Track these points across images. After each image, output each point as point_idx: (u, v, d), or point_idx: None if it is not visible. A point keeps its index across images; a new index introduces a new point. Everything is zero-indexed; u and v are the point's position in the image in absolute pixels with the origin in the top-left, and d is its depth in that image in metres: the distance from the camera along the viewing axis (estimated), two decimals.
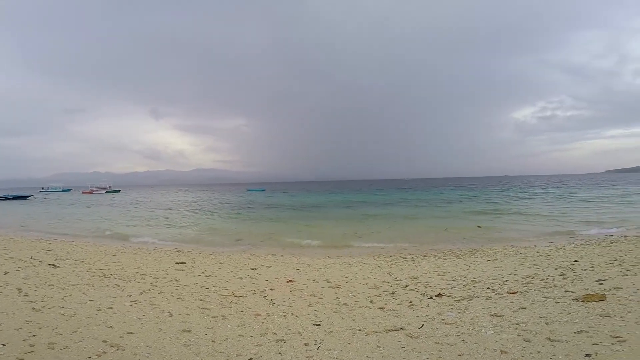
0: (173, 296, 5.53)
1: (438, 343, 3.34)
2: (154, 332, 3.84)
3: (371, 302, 5.11)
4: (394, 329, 3.85)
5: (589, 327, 3.35)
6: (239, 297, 5.54)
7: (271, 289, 6.01)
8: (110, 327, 3.96)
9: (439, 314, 4.32)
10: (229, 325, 4.14)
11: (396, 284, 6.22)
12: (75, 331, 3.78)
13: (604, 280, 5.22)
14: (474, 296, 5.08)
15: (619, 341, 2.96)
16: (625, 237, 11.18)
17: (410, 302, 5.00)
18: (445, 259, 8.78)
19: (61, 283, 6.10)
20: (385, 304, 4.94)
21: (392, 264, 8.39)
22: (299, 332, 3.88)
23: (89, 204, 41.79)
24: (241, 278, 6.95)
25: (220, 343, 3.59)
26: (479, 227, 15.66)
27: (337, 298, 5.39)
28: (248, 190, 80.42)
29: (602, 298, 4.15)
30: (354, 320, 4.27)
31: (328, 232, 15.82)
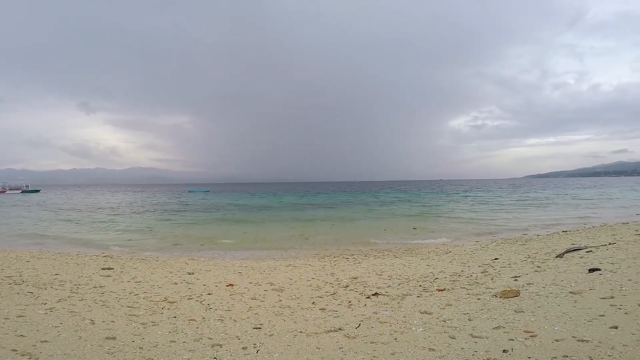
0: (96, 303, 5.11)
1: (373, 342, 3.45)
2: (73, 340, 3.55)
3: (313, 303, 5.16)
4: (333, 329, 3.92)
5: (506, 323, 3.68)
6: (172, 302, 5.26)
7: (209, 294, 5.79)
8: (21, 335, 3.62)
9: (375, 313, 4.49)
10: (159, 332, 3.92)
11: (337, 284, 6.35)
12: None
13: (519, 276, 5.82)
14: (407, 294, 5.37)
15: (531, 336, 3.27)
16: (538, 235, 12.64)
17: (350, 302, 5.14)
18: (384, 259, 9.16)
19: None
20: (327, 305, 5.01)
21: (335, 264, 8.55)
22: (237, 336, 3.79)
23: None
24: (176, 283, 6.59)
25: (149, 350, 3.40)
26: (414, 228, 16.63)
27: (280, 300, 5.36)
28: (190, 192, 76.32)
29: (516, 294, 4.61)
30: (295, 322, 4.28)
31: (273, 234, 15.66)
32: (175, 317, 4.53)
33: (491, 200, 35.21)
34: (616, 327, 3.18)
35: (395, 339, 3.51)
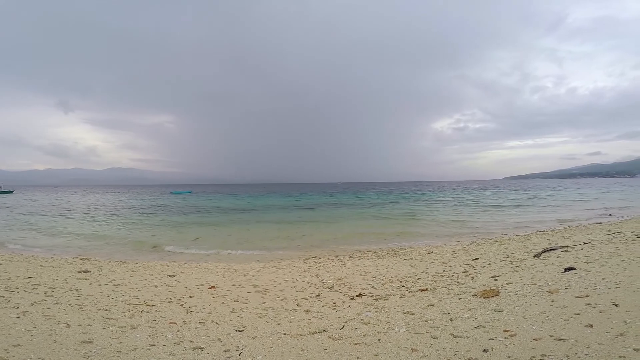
0: (72, 306, 4.95)
1: (357, 343, 3.46)
2: (48, 344, 3.44)
3: (298, 305, 5.13)
4: (317, 331, 3.90)
5: (486, 322, 3.73)
6: (151, 305, 5.13)
7: (190, 297, 5.68)
8: None
9: (359, 314, 4.50)
10: (138, 335, 3.82)
11: (322, 285, 6.35)
12: None
13: (498, 276, 5.95)
14: (390, 295, 5.41)
15: (510, 335, 3.32)
16: (516, 235, 12.98)
17: (334, 303, 5.14)
18: (368, 259, 9.22)
19: None
20: (311, 307, 5.00)
21: (320, 266, 8.55)
22: (219, 339, 3.73)
23: None
24: (156, 286, 6.45)
25: (127, 353, 3.32)
26: (398, 231, 16.79)
27: (264, 302, 5.31)
28: (172, 193, 74.81)
29: (496, 293, 4.71)
30: (279, 324, 4.25)
31: (257, 236, 15.53)
32: (155, 320, 4.42)
33: (472, 202, 35.95)
34: (591, 326, 3.27)
35: (379, 339, 3.52)
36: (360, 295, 5.48)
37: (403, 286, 5.94)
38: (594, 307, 3.72)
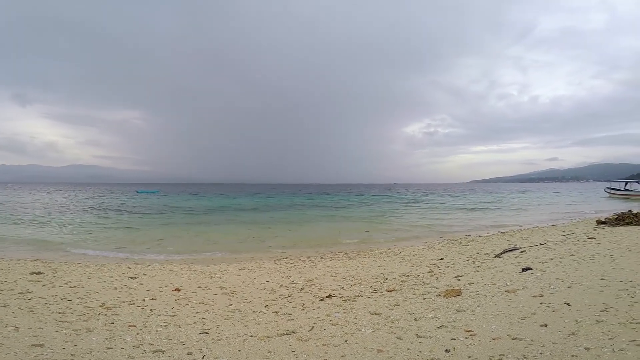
0: (22, 309, 4.65)
1: (325, 345, 3.46)
2: None
3: (266, 306, 5.07)
4: (286, 332, 3.87)
5: (448, 322, 3.83)
6: (109, 308, 4.90)
7: (152, 299, 5.46)
8: None
9: (328, 315, 4.51)
10: (94, 338, 3.65)
11: (292, 287, 6.31)
12: None
13: (461, 276, 6.15)
14: (358, 295, 5.47)
15: (471, 335, 3.42)
16: (479, 236, 13.51)
17: (304, 304, 5.12)
18: (339, 260, 9.28)
19: None
20: (280, 308, 4.96)
21: (291, 267, 8.48)
22: (182, 342, 3.62)
23: None
24: (116, 288, 6.14)
25: (82, 356, 3.18)
26: (366, 231, 17.03)
27: (230, 305, 5.20)
28: (138, 192, 71.32)
29: (458, 293, 4.86)
30: (246, 326, 4.17)
31: (226, 237, 15.20)
32: (113, 323, 4.23)
33: (439, 204, 37.12)
34: (546, 325, 3.41)
35: (346, 340, 3.54)
36: (329, 296, 5.49)
37: (371, 287, 6.01)
38: (548, 307, 3.90)
